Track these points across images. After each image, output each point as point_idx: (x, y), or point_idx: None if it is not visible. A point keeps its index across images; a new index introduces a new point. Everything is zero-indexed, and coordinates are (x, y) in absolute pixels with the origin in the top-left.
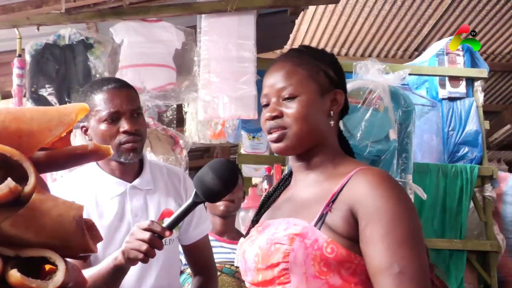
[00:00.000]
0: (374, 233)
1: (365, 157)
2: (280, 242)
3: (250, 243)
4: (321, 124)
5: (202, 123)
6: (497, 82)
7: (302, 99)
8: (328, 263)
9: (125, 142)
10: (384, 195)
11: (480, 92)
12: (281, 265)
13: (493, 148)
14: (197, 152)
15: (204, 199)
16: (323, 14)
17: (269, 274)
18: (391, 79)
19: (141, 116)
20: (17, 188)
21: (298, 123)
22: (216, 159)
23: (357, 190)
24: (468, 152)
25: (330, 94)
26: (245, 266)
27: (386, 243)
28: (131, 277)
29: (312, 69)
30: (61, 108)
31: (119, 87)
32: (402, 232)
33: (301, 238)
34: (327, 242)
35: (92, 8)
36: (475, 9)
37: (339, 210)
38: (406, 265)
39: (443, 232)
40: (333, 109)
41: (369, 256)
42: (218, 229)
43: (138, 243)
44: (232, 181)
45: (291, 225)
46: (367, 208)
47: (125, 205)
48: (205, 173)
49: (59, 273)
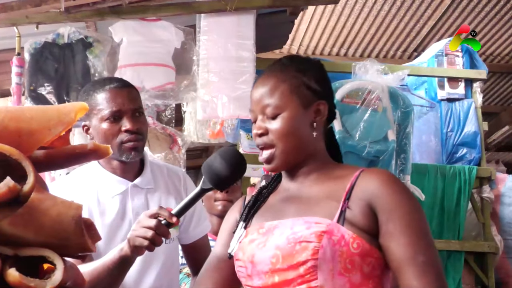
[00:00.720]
0: (397, 226)
1: (364, 158)
2: (307, 240)
3: (260, 245)
4: (306, 137)
5: (201, 122)
6: (496, 83)
7: (285, 116)
8: (353, 259)
9: (127, 141)
10: (397, 191)
11: (478, 93)
12: (309, 262)
13: (492, 149)
14: (196, 152)
15: (212, 185)
16: (322, 14)
17: (291, 274)
18: (390, 79)
19: (143, 116)
20: (16, 187)
21: (283, 140)
22: (225, 147)
23: (370, 187)
24: (467, 153)
25: (313, 106)
26: (252, 270)
27: (408, 235)
28: (131, 275)
29: (293, 83)
30: (60, 107)
31: (121, 87)
32: (420, 225)
33: (329, 235)
34: (353, 238)
35: (91, 7)
36: (474, 10)
37: (357, 206)
38: (428, 254)
39: (441, 232)
40: (316, 120)
41: (393, 248)
42: (215, 228)
43: (144, 230)
44: (239, 167)
45: (312, 223)
46: (385, 204)
47: (126, 204)
48: (213, 159)
49: (57, 272)
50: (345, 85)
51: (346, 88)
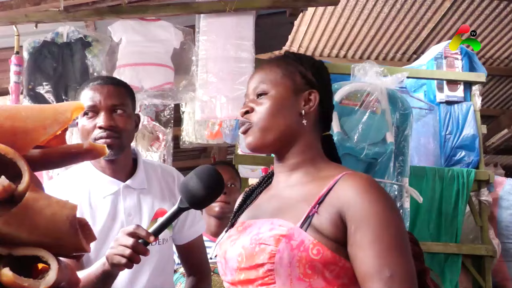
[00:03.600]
0: (364, 237)
1: (362, 160)
2: (265, 243)
3: (232, 243)
4: (290, 122)
5: (199, 123)
6: (495, 86)
7: (272, 95)
8: (313, 265)
9: (99, 138)
10: (372, 200)
11: (477, 96)
12: (266, 266)
13: (490, 152)
14: (194, 152)
15: (188, 205)
16: (322, 16)
17: (252, 273)
18: (389, 81)
19: (123, 113)
20: (10, 186)
21: (263, 118)
22: (202, 166)
23: (345, 193)
24: (465, 156)
25: (304, 94)
26: (225, 266)
27: (376, 247)
28: (124, 276)
29: (288, 68)
30: (56, 106)
31: (103, 83)
32: (391, 237)
33: (287, 239)
34: (313, 244)
35: (91, 6)
36: (474, 13)
37: (326, 213)
38: (396, 269)
39: (438, 235)
40: (305, 108)
41: (359, 260)
42: (212, 230)
43: (122, 248)
44: (216, 187)
45: (276, 226)
46: (356, 213)
47: (117, 205)
48: (189, 178)
49: (51, 272)
50: (344, 87)
51: (345, 90)
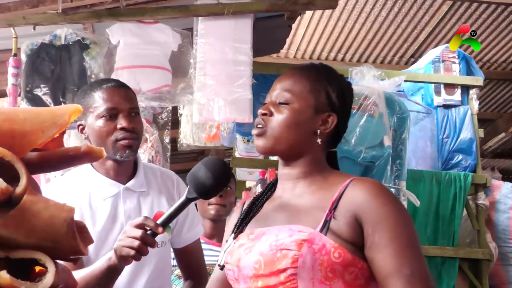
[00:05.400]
0: (382, 238)
1: (359, 163)
2: (287, 248)
3: (246, 251)
4: (304, 138)
5: (197, 125)
6: (492, 90)
7: (294, 107)
8: (334, 268)
9: (122, 139)
10: (385, 203)
11: (475, 100)
12: (289, 270)
13: (487, 156)
14: (192, 155)
15: (196, 195)
16: (320, 19)
17: (272, 280)
18: (386, 85)
19: (138, 116)
20: (8, 189)
21: (279, 127)
22: (210, 157)
23: (357, 197)
24: (462, 159)
25: (323, 115)
26: (238, 274)
27: (395, 247)
28: (123, 278)
29: (315, 84)
30: (54, 109)
31: (118, 86)
32: (407, 236)
33: (309, 243)
34: (334, 247)
35: (89, 9)
36: (472, 17)
37: (342, 217)
38: (414, 267)
39: (435, 239)
40: (321, 128)
41: (379, 260)
42: (208, 232)
43: (130, 240)
44: (224, 176)
45: (295, 231)
46: (372, 215)
47: (118, 207)
48: (198, 168)
49: (48, 275)
50: None
51: None
